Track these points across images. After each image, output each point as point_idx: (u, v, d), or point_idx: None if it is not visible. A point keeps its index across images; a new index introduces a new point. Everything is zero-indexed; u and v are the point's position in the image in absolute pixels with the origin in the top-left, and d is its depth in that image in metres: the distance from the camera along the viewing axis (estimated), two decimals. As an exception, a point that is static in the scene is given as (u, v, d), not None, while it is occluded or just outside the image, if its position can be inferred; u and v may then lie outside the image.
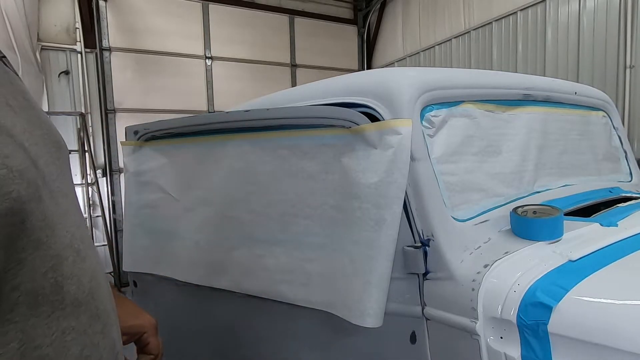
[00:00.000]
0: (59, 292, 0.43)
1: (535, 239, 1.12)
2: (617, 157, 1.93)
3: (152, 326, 0.89)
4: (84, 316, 0.47)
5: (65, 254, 0.45)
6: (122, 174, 6.19)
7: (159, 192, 1.66)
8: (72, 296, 0.45)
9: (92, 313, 0.49)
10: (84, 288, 0.48)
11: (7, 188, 0.36)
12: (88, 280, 0.49)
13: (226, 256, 1.46)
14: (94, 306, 0.49)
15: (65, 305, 0.44)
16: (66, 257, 0.45)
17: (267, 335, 1.46)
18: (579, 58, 4.93)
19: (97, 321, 0.50)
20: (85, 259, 0.49)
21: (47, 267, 0.42)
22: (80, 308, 0.47)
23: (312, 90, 1.41)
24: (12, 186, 0.36)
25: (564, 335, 0.87)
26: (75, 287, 0.46)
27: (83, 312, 0.47)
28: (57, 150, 0.51)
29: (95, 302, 0.50)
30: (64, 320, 0.44)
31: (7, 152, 0.37)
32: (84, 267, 0.49)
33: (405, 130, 1.08)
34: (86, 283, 0.48)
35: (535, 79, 1.59)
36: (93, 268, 0.51)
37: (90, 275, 0.50)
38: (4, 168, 0.35)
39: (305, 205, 1.26)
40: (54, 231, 0.43)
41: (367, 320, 1.06)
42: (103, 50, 6.39)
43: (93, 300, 0.49)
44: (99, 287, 0.52)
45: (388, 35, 8.31)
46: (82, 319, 0.47)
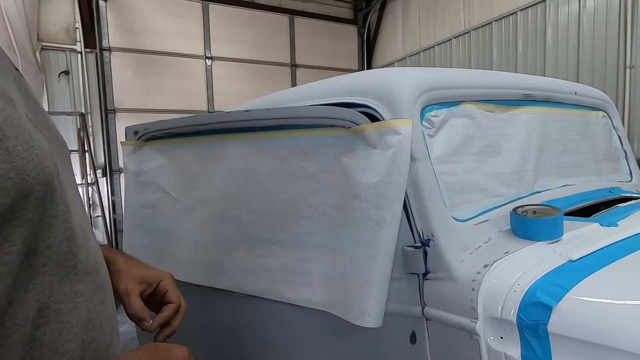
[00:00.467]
0: (73, 259, 0.51)
1: (535, 239, 1.12)
2: (617, 157, 1.93)
3: (168, 275, 0.86)
4: (91, 285, 0.54)
5: (77, 230, 0.53)
6: (122, 174, 6.19)
7: (159, 192, 1.66)
8: (82, 265, 0.53)
9: (97, 284, 0.56)
10: (90, 261, 0.55)
11: (45, 163, 0.45)
12: (93, 256, 0.56)
13: (226, 256, 1.46)
14: (98, 278, 0.56)
15: (78, 272, 0.52)
16: (78, 232, 0.53)
17: (267, 335, 1.46)
18: (579, 58, 4.93)
19: (100, 291, 0.56)
20: (88, 240, 0.57)
21: (64, 237, 0.50)
22: (88, 277, 0.54)
23: (312, 90, 1.41)
24: (47, 163, 0.45)
25: (564, 335, 0.87)
26: (84, 258, 0.53)
27: (90, 281, 0.54)
28: (62, 148, 0.60)
29: (99, 275, 0.57)
30: (76, 283, 0.51)
31: (39, 137, 0.46)
32: (90, 245, 0.56)
33: (405, 130, 1.08)
34: (92, 258, 0.56)
35: (535, 79, 1.59)
36: (96, 249, 0.59)
37: (95, 253, 0.57)
38: (39, 149, 0.45)
39: (305, 205, 1.26)
40: (69, 208, 0.51)
41: (367, 320, 1.06)
42: (103, 50, 6.39)
43: (97, 273, 0.56)
44: (101, 264, 0.59)
45: (388, 35, 8.31)
46: (90, 286, 0.54)
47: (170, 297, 0.82)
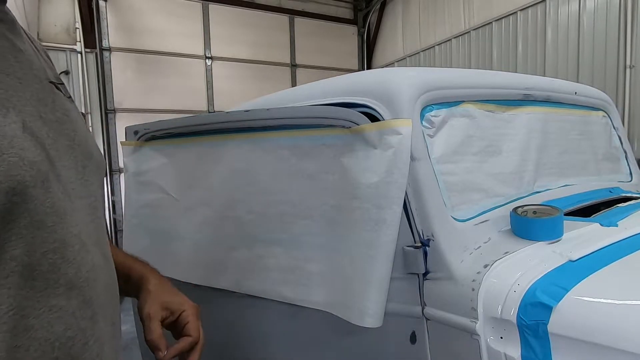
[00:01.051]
0: (56, 272, 0.49)
1: (535, 239, 1.12)
2: (617, 157, 1.93)
3: (193, 307, 0.83)
4: (75, 300, 0.51)
5: (72, 242, 0.51)
6: (122, 174, 6.19)
7: (159, 192, 1.66)
8: (67, 279, 0.50)
9: (84, 299, 0.53)
10: (81, 275, 0.52)
11: (14, 172, 0.44)
12: (87, 270, 0.54)
13: (226, 256, 1.46)
14: (87, 294, 0.54)
15: (59, 285, 0.49)
16: (72, 244, 0.51)
17: (267, 335, 1.46)
18: (579, 58, 4.93)
19: (87, 308, 0.53)
20: (89, 252, 0.55)
21: (49, 248, 0.48)
22: (73, 291, 0.51)
23: (312, 90, 1.41)
24: (18, 171, 0.44)
25: (564, 335, 0.87)
26: (73, 272, 0.51)
27: (75, 296, 0.51)
28: (85, 159, 0.60)
29: (90, 290, 0.54)
30: (54, 298, 0.49)
31: (25, 145, 0.46)
32: (87, 259, 0.54)
33: (405, 130, 1.08)
34: (84, 272, 0.53)
35: (535, 79, 1.59)
36: (95, 263, 0.57)
37: (90, 267, 0.55)
38: (15, 156, 0.44)
39: (305, 205, 1.26)
40: (63, 219, 0.50)
41: (367, 320, 1.06)
42: (103, 50, 6.39)
43: (88, 288, 0.54)
44: (97, 280, 0.56)
45: (388, 35, 8.31)
46: (73, 302, 0.51)
47: (189, 330, 0.80)
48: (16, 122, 0.47)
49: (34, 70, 0.57)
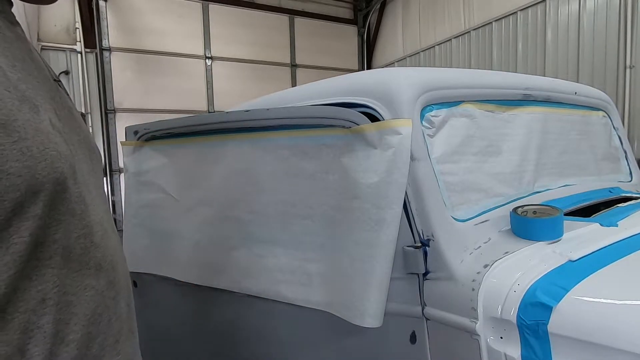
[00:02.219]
0: (87, 254, 0.55)
1: (535, 239, 1.12)
2: (617, 157, 1.93)
3: None
4: (103, 280, 0.57)
5: (96, 228, 0.57)
6: (122, 174, 6.19)
7: (159, 192, 1.66)
8: (96, 261, 0.56)
9: (110, 280, 0.59)
10: (106, 258, 0.59)
11: (57, 164, 0.49)
12: (111, 254, 0.60)
13: (226, 256, 1.46)
14: (112, 275, 0.60)
15: (90, 267, 0.55)
16: (97, 230, 0.57)
17: (267, 335, 1.46)
18: (579, 58, 4.94)
19: (112, 288, 0.59)
20: (109, 239, 0.61)
21: (80, 233, 0.54)
22: (101, 273, 0.57)
23: (312, 90, 1.41)
24: (59, 163, 0.50)
25: (564, 335, 0.87)
26: (100, 255, 0.57)
27: (103, 277, 0.57)
28: (90, 153, 0.66)
29: (114, 272, 0.60)
30: (87, 278, 0.55)
31: (58, 141, 0.52)
32: (109, 244, 0.61)
33: (405, 130, 1.08)
34: (109, 255, 0.59)
35: (535, 79, 1.59)
36: (115, 247, 0.63)
37: (113, 251, 0.61)
38: (54, 150, 0.50)
39: (305, 205, 1.26)
40: (88, 208, 0.56)
41: (367, 320, 1.06)
42: (103, 50, 6.40)
43: (112, 270, 0.60)
44: (118, 263, 0.63)
45: (388, 35, 8.31)
46: (102, 282, 0.57)
47: None
48: (45, 119, 0.52)
49: (43, 70, 0.60)
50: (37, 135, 0.48)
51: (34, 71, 0.56)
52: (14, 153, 0.44)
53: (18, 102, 0.48)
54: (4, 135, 0.44)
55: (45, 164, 0.47)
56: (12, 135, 0.44)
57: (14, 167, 0.44)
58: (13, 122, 0.45)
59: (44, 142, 0.48)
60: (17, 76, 0.51)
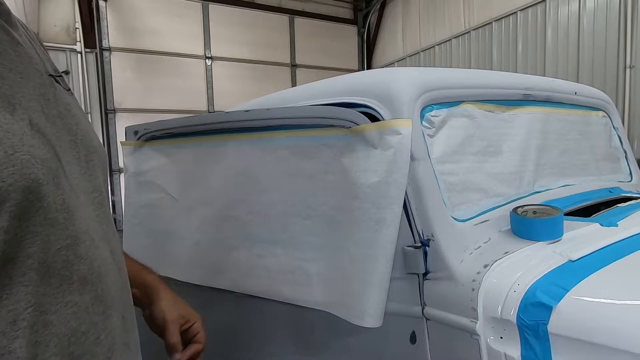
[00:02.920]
0: (69, 268, 0.49)
1: (535, 239, 1.12)
2: (617, 157, 1.93)
3: (201, 319, 0.96)
4: (87, 295, 0.52)
5: (83, 238, 0.52)
6: (122, 174, 6.19)
7: (159, 192, 1.66)
8: (80, 275, 0.51)
9: (97, 294, 0.54)
10: (93, 270, 0.53)
11: (27, 170, 0.44)
12: (98, 265, 0.55)
13: (226, 256, 1.46)
14: (99, 288, 0.54)
15: (73, 282, 0.50)
16: (83, 240, 0.52)
17: (267, 335, 1.46)
18: (579, 58, 4.94)
19: (99, 303, 0.54)
20: (98, 248, 0.56)
21: (62, 245, 0.48)
22: (86, 287, 0.52)
23: (312, 90, 1.41)
24: (31, 169, 0.45)
25: (564, 335, 0.87)
26: (86, 267, 0.52)
27: (88, 291, 0.52)
28: (88, 153, 0.60)
29: (101, 285, 0.55)
30: (69, 294, 0.50)
31: (34, 143, 0.47)
32: (97, 254, 0.55)
33: (405, 130, 1.08)
34: (96, 267, 0.54)
35: (535, 79, 1.59)
36: (105, 258, 0.58)
37: (101, 262, 0.56)
38: (27, 154, 0.45)
39: (305, 205, 1.26)
40: (73, 216, 0.50)
41: (367, 320, 1.06)
42: (103, 50, 6.40)
43: (100, 283, 0.55)
44: (107, 275, 0.57)
45: (388, 35, 8.31)
46: (86, 297, 0.52)
47: (200, 338, 0.93)
48: (23, 119, 0.47)
49: (33, 64, 0.56)
50: (7, 137, 0.43)
51: (19, 66, 0.52)
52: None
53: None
54: None
55: (12, 169, 0.43)
56: None
57: None
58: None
59: (13, 145, 0.43)
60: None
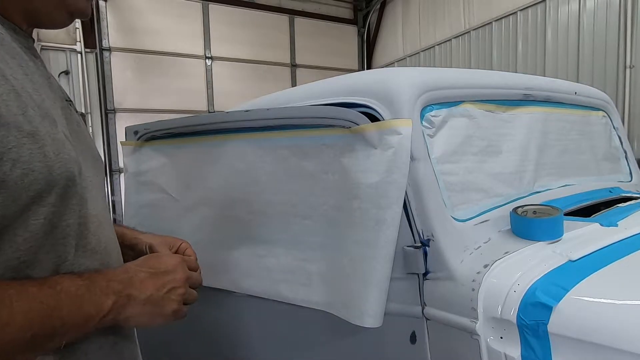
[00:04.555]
0: (83, 239, 0.69)
1: (535, 239, 1.12)
2: (617, 157, 1.93)
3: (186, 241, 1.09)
4: (96, 262, 0.71)
5: (91, 220, 0.70)
6: (122, 174, 6.19)
7: (159, 192, 1.66)
8: (91, 246, 0.70)
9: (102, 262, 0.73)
10: (100, 244, 0.73)
11: (69, 165, 0.64)
12: (104, 242, 0.75)
13: (226, 256, 1.46)
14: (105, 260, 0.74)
15: (86, 250, 0.69)
16: (92, 221, 0.71)
17: (267, 335, 1.46)
18: (579, 58, 4.94)
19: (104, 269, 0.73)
20: (105, 229, 0.75)
21: (80, 222, 0.67)
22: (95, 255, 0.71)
23: (312, 90, 1.41)
24: (70, 165, 0.64)
25: (564, 335, 0.87)
26: (94, 241, 0.71)
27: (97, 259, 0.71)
28: (94, 161, 0.81)
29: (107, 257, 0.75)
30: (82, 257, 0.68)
31: (69, 148, 0.66)
32: (104, 234, 0.75)
33: (405, 130, 1.08)
34: (102, 242, 0.74)
35: (535, 79, 1.59)
36: (109, 237, 0.77)
37: (107, 240, 0.76)
38: (67, 155, 0.64)
39: (305, 205, 1.26)
40: (86, 202, 0.69)
41: (367, 320, 1.06)
42: (103, 50, 6.40)
43: (106, 254, 0.74)
44: (111, 252, 0.77)
45: (388, 35, 8.31)
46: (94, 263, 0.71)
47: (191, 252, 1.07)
48: (61, 131, 0.66)
49: (57, 92, 0.75)
50: (55, 143, 0.62)
51: (51, 94, 0.70)
52: (39, 156, 0.59)
53: (40, 118, 0.62)
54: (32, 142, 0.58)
55: (60, 164, 0.62)
56: (38, 142, 0.59)
57: (38, 166, 0.58)
58: (39, 133, 0.60)
59: (59, 149, 0.63)
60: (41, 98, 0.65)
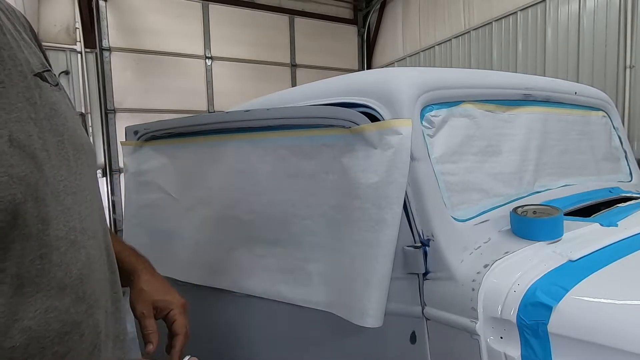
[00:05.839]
0: (45, 276, 0.50)
1: (535, 239, 1.12)
2: (617, 157, 1.93)
3: (180, 304, 0.91)
4: (68, 298, 0.53)
5: (57, 245, 0.52)
6: (122, 174, 6.19)
7: (159, 192, 1.66)
8: (57, 280, 0.52)
9: (78, 296, 0.55)
10: (71, 274, 0.54)
11: (5, 192, 0.44)
12: (79, 268, 0.55)
13: (226, 256, 1.46)
14: (81, 290, 0.55)
15: (51, 288, 0.51)
16: (57, 247, 0.52)
17: (267, 335, 1.46)
18: (579, 58, 4.93)
19: (82, 303, 0.55)
20: (80, 249, 0.56)
21: (36, 255, 0.49)
22: (65, 291, 0.53)
23: (312, 90, 1.41)
24: (9, 190, 0.44)
25: (564, 335, 0.87)
26: (62, 273, 0.52)
27: (67, 294, 0.53)
28: (76, 152, 0.59)
29: (83, 286, 0.56)
30: (48, 299, 0.50)
31: (13, 162, 0.46)
32: (77, 256, 0.55)
33: (405, 130, 1.08)
34: (75, 270, 0.55)
35: (535, 79, 1.59)
36: (88, 256, 0.58)
37: (83, 264, 0.56)
38: (5, 175, 0.44)
39: (305, 205, 1.26)
40: (49, 225, 0.50)
41: (367, 320, 1.06)
42: (103, 50, 6.39)
43: (81, 285, 0.55)
44: (91, 274, 0.58)
45: (388, 35, 8.31)
46: (66, 300, 0.53)
47: (176, 327, 0.88)
48: (2, 136, 0.46)
49: (17, 67, 0.54)
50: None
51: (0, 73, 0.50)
52: None
53: None
54: None
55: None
56: None
57: None
58: None
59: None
60: None
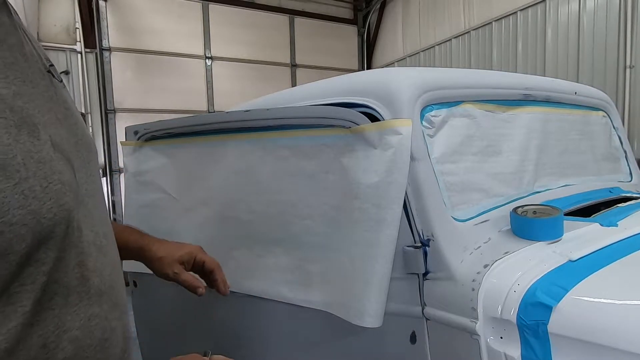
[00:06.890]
0: (85, 284, 0.50)
1: (535, 239, 1.12)
2: (617, 157, 1.93)
3: (199, 249, 1.04)
4: (106, 304, 0.54)
5: (90, 251, 0.51)
6: (122, 174, 6.19)
7: (159, 192, 1.66)
8: (96, 288, 0.52)
9: (112, 302, 0.55)
10: (104, 280, 0.54)
11: (63, 199, 0.43)
12: (108, 273, 0.55)
13: (226, 256, 1.46)
14: (113, 296, 0.56)
15: (91, 295, 0.51)
16: (90, 253, 0.51)
17: (267, 335, 1.46)
18: (579, 58, 4.93)
19: (115, 309, 0.56)
20: (106, 254, 0.56)
21: (75, 263, 0.48)
22: (102, 297, 0.53)
23: (312, 90, 1.41)
24: (65, 197, 0.44)
25: (564, 335, 0.87)
26: (98, 279, 0.52)
27: (105, 301, 0.53)
28: (87, 153, 0.58)
29: (114, 291, 0.56)
30: (91, 307, 0.51)
31: (60, 168, 0.45)
32: (105, 262, 0.55)
33: (405, 130, 1.08)
34: (107, 276, 0.55)
35: (535, 79, 1.59)
36: (113, 261, 0.58)
37: (111, 269, 0.57)
38: (59, 183, 0.43)
39: (305, 205, 1.26)
40: (82, 232, 0.50)
41: (367, 320, 1.06)
42: (103, 50, 6.39)
43: (113, 290, 0.56)
44: (118, 279, 0.59)
45: (388, 35, 8.31)
46: (105, 306, 0.53)
47: (209, 265, 1.02)
48: (46, 141, 0.44)
49: (37, 63, 0.51)
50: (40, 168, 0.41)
51: (28, 72, 0.47)
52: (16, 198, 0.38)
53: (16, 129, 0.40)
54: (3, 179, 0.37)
55: (50, 203, 0.42)
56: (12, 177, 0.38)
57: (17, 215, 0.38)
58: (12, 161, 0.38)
59: (46, 176, 0.42)
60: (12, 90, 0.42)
